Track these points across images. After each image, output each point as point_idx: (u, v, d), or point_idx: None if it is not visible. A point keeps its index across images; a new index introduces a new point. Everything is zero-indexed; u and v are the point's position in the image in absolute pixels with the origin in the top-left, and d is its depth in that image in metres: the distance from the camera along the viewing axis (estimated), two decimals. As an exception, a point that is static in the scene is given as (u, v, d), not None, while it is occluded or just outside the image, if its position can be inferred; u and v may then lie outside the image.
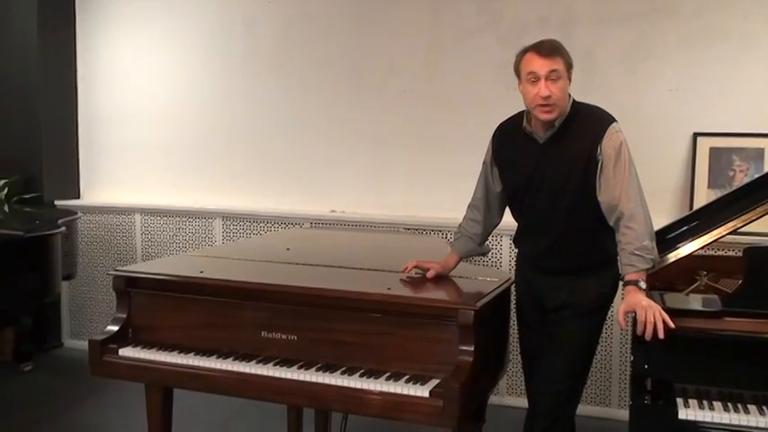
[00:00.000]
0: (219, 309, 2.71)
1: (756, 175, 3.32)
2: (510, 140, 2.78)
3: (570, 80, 2.63)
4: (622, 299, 2.53)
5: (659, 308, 2.36)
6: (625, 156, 2.58)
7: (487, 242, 3.03)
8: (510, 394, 4.39)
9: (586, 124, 2.64)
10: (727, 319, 2.48)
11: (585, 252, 2.71)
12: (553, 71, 2.55)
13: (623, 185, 2.56)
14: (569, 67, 2.61)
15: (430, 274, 2.78)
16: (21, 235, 4.12)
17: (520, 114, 2.76)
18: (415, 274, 2.80)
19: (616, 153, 2.57)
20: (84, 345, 2.97)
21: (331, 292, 2.56)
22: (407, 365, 2.44)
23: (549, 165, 2.66)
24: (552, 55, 2.57)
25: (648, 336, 2.33)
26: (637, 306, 2.38)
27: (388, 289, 2.58)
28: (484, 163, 2.88)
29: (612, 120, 2.64)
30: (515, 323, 2.97)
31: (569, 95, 2.66)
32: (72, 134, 5.41)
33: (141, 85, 5.23)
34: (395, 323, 2.46)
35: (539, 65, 2.56)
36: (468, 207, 2.93)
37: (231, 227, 4.98)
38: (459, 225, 2.94)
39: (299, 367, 2.50)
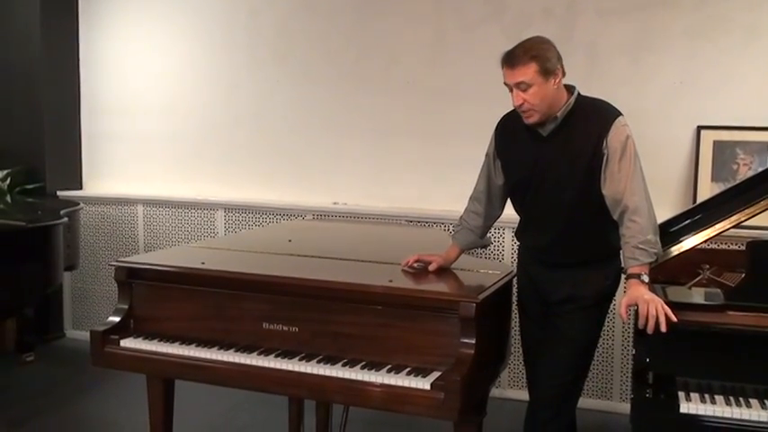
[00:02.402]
0: (221, 300, 2.70)
1: (760, 169, 3.31)
2: (513, 133, 2.77)
3: (557, 75, 2.56)
4: (624, 292, 2.52)
5: (661, 301, 2.35)
6: (631, 149, 2.57)
7: (488, 235, 3.02)
8: (511, 387, 4.39)
9: (591, 118, 2.62)
10: (730, 312, 2.47)
11: (588, 245, 2.70)
12: (520, 83, 2.54)
13: (628, 179, 2.55)
14: (545, 70, 2.53)
15: (432, 267, 2.77)
16: (23, 225, 4.12)
17: (523, 107, 2.75)
18: (417, 266, 2.80)
19: (622, 147, 2.56)
20: (85, 335, 2.97)
21: (333, 284, 2.56)
22: (409, 358, 2.43)
23: (552, 158, 2.65)
24: (519, 65, 2.53)
25: (650, 329, 2.32)
26: (639, 299, 2.38)
27: (390, 281, 2.57)
28: (486, 155, 2.87)
29: (618, 113, 2.62)
30: (517, 316, 2.97)
31: (572, 88, 2.65)
32: (74, 125, 5.41)
33: (144, 76, 5.22)
34: (396, 315, 2.46)
35: (508, 76, 2.57)
36: (470, 199, 2.92)
37: (233, 218, 4.98)
38: (461, 217, 2.94)
39: (301, 359, 2.50)
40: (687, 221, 2.82)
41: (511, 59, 2.56)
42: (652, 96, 4.12)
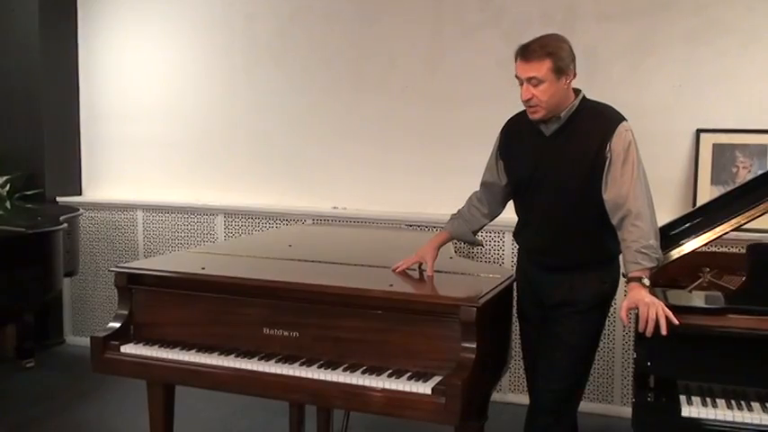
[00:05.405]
0: (221, 305, 2.70)
1: (760, 172, 3.32)
2: (517, 132, 2.78)
3: (569, 75, 2.59)
4: (625, 296, 2.52)
5: (662, 305, 2.35)
6: (633, 155, 2.57)
7: (480, 237, 3.04)
8: (512, 391, 4.38)
9: (595, 121, 2.62)
10: (731, 316, 2.47)
11: (585, 249, 2.70)
12: (532, 78, 2.55)
13: (631, 184, 2.54)
14: (558, 69, 2.55)
15: (429, 271, 2.77)
16: (23, 231, 4.12)
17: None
18: (422, 268, 2.81)
19: (625, 152, 2.56)
20: (85, 341, 2.97)
21: (333, 288, 2.56)
22: (409, 362, 2.43)
23: (553, 159, 2.65)
24: (534, 59, 2.54)
25: (649, 332, 2.32)
26: (639, 303, 2.38)
27: (391, 286, 2.57)
28: (492, 153, 2.89)
29: (622, 118, 2.63)
30: (517, 319, 2.97)
31: (578, 91, 2.66)
32: (74, 131, 5.40)
33: (143, 82, 5.23)
34: (397, 320, 2.46)
35: (520, 69, 2.58)
36: (480, 186, 2.94)
37: (233, 223, 4.97)
38: (459, 210, 2.96)
39: (301, 364, 2.50)
40: (687, 225, 2.82)
41: (526, 53, 2.56)
42: (652, 100, 4.12)
